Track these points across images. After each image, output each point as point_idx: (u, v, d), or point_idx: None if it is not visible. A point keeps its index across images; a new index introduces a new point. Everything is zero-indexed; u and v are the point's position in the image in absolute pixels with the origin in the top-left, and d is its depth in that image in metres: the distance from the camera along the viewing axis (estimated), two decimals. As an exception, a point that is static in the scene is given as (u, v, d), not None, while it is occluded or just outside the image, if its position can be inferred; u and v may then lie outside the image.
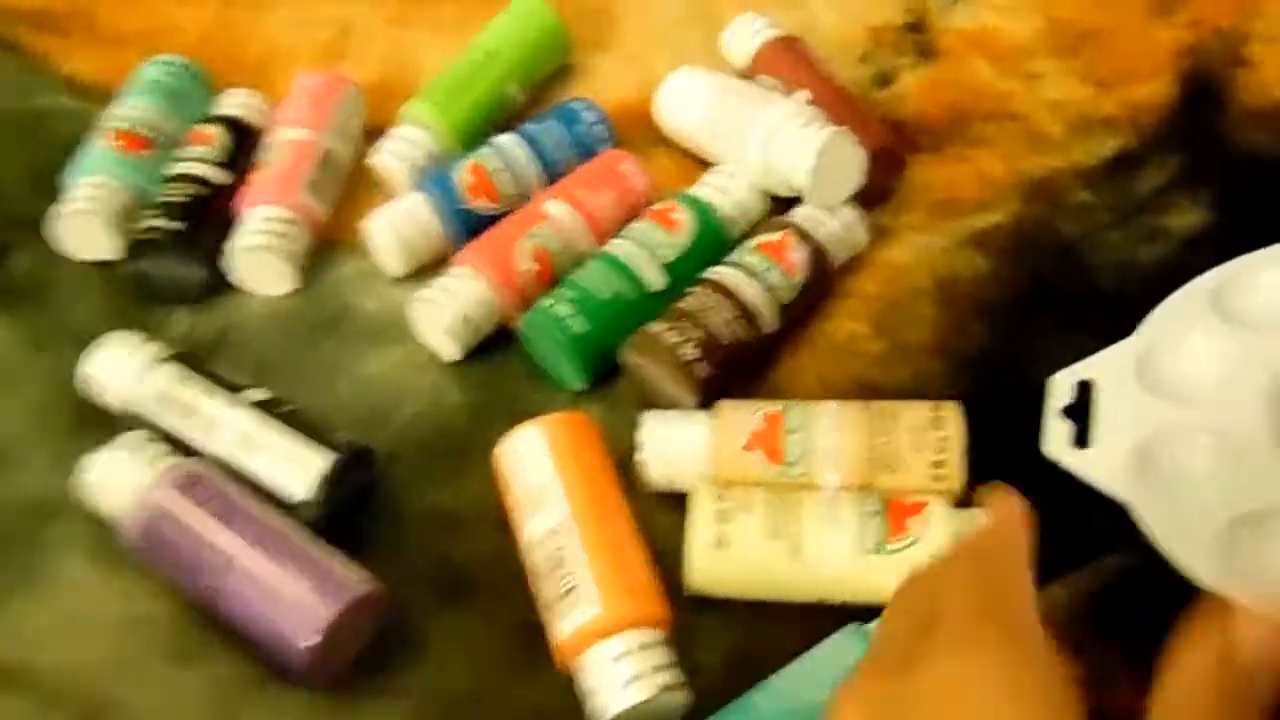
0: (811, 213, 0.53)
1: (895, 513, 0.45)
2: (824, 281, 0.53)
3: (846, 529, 0.45)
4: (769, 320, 0.50)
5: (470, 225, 0.55)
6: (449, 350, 0.53)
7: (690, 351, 0.48)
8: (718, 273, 0.51)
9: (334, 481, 0.47)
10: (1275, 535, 0.43)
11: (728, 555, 0.45)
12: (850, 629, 0.44)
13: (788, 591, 0.46)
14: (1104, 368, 0.49)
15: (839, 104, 0.57)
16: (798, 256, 0.51)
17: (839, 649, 0.44)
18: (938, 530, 0.45)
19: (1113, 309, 0.51)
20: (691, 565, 0.45)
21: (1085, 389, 0.49)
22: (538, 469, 0.46)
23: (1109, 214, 0.56)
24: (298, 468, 0.47)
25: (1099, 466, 0.46)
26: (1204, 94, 0.60)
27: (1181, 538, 0.43)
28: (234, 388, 0.49)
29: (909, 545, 0.45)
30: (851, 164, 0.53)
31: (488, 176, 0.56)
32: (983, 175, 0.58)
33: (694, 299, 0.50)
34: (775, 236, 0.51)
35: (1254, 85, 0.60)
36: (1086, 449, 0.47)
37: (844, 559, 0.45)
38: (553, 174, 0.57)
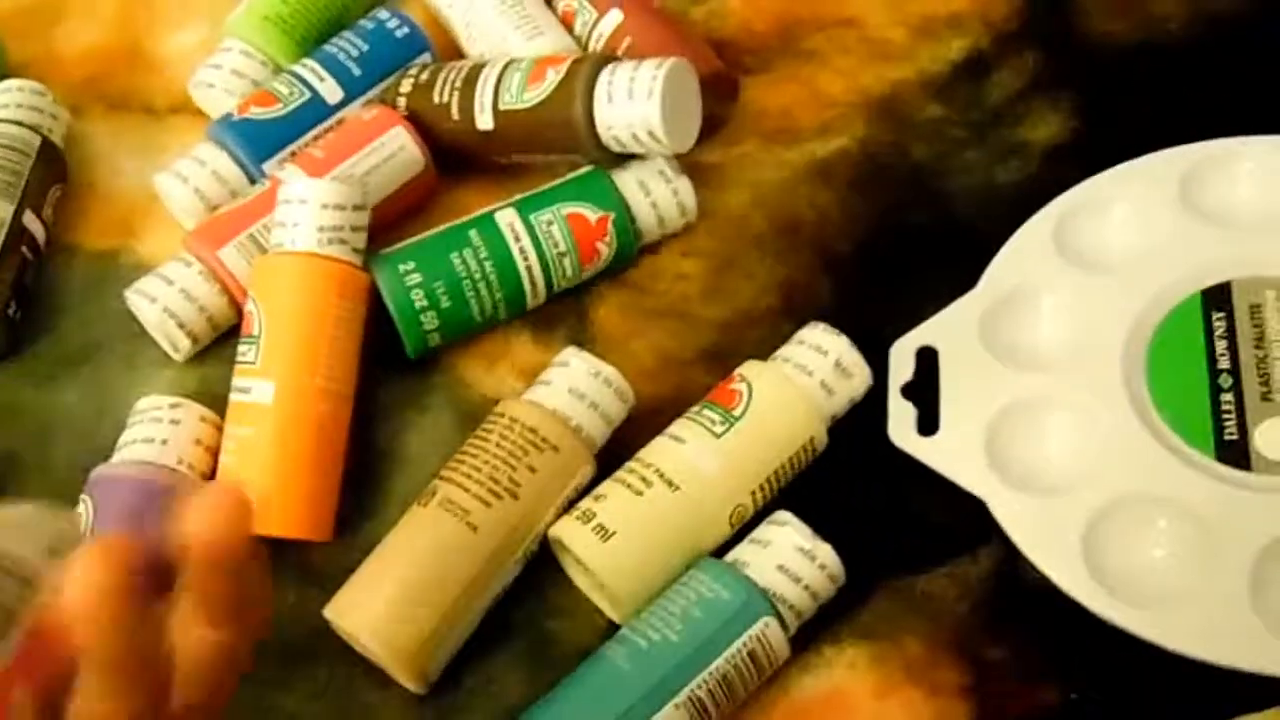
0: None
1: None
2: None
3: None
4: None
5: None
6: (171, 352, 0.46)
7: None
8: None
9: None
10: (1144, 527, 0.38)
11: (619, 542, 0.39)
12: (706, 563, 0.39)
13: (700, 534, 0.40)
14: (946, 331, 0.44)
15: (658, 26, 0.50)
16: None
17: (698, 585, 0.38)
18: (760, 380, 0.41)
19: (971, 245, 0.46)
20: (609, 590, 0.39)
21: (929, 358, 0.43)
22: None
23: (963, 129, 0.50)
24: None
25: (948, 456, 0.41)
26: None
27: (1042, 539, 0.39)
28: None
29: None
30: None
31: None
32: (820, 95, 0.51)
33: None
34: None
35: (1107, -34, 0.54)
36: (934, 435, 0.41)
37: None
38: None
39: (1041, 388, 0.42)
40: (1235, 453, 0.39)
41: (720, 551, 0.40)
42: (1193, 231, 0.43)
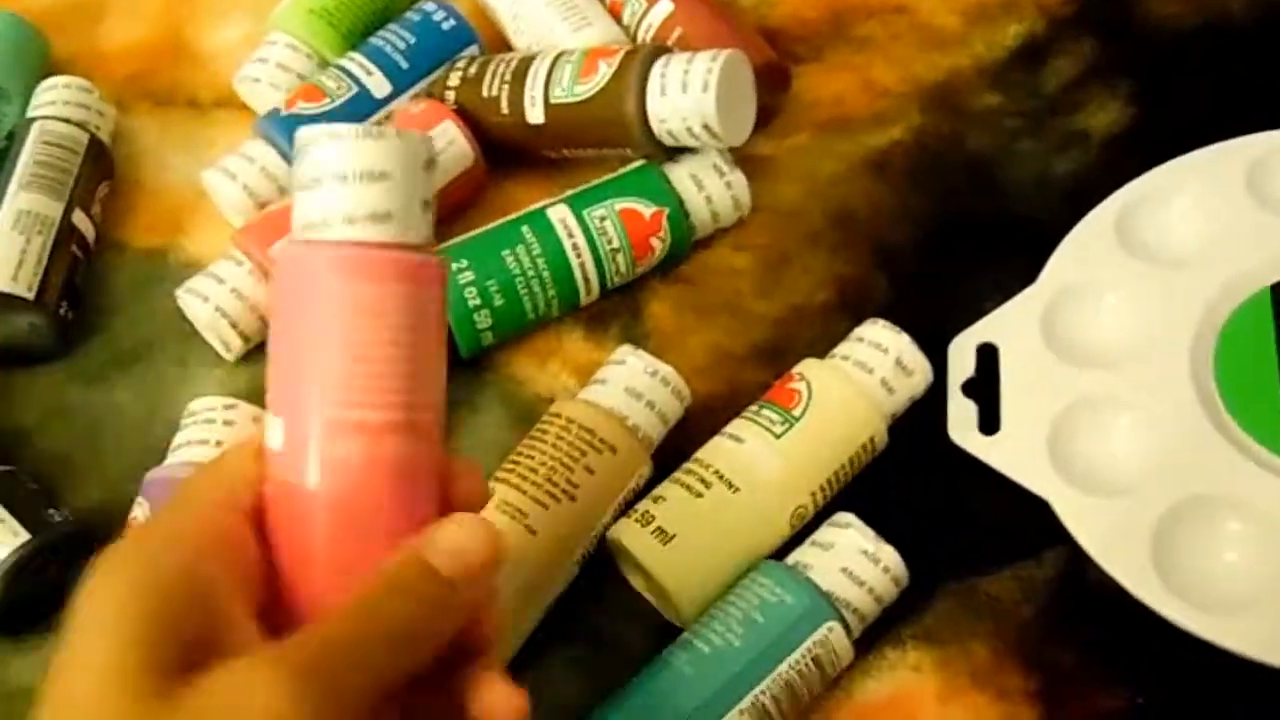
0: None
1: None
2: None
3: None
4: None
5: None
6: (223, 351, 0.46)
7: None
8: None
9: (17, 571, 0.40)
10: (1215, 528, 0.37)
11: (679, 545, 0.38)
12: (767, 566, 0.38)
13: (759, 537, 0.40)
14: (1007, 327, 0.43)
15: (709, 15, 0.49)
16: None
17: (760, 589, 0.38)
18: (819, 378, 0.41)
19: (1030, 237, 0.45)
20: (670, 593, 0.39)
21: (989, 355, 0.42)
22: None
23: (1019, 118, 0.49)
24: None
25: (1011, 455, 0.40)
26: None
27: (1109, 541, 0.38)
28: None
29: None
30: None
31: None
32: (873, 84, 0.51)
33: None
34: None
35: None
36: (995, 434, 0.41)
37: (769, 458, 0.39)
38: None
39: (1106, 385, 0.41)
40: (1309, 452, 0.38)
41: (780, 553, 0.39)
42: (1261, 223, 0.42)
